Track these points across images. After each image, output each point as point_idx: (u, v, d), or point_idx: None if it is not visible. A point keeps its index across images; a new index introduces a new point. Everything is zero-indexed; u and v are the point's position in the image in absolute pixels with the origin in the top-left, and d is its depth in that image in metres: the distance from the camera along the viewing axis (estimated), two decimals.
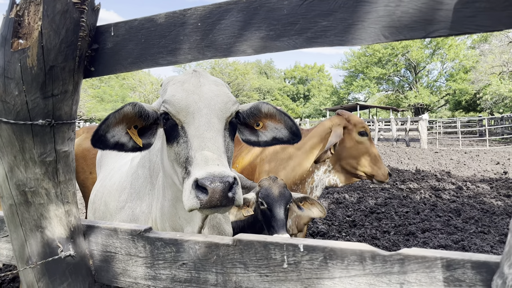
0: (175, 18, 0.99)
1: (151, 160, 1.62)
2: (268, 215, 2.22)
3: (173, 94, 1.19)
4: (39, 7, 0.98)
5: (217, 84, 1.27)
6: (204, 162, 1.05)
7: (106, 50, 1.09)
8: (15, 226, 1.12)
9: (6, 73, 0.99)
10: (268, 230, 2.23)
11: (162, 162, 1.35)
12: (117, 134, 1.18)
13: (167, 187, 1.41)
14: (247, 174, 2.90)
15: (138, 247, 1.12)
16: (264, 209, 2.23)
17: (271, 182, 2.25)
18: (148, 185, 1.62)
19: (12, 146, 1.05)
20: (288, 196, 2.25)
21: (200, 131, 1.14)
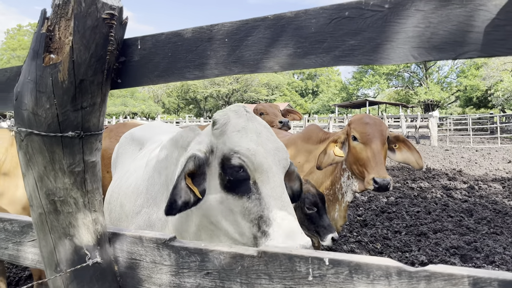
0: (202, 33, 1.01)
1: (167, 168, 1.64)
2: (317, 219, 2.24)
3: (248, 148, 1.25)
4: (69, 22, 1.00)
5: (267, 129, 1.35)
6: (290, 231, 1.15)
7: (133, 63, 1.11)
8: (44, 234, 1.15)
9: (38, 87, 1.01)
10: (318, 233, 2.24)
11: (209, 203, 1.35)
12: (183, 193, 1.23)
13: (204, 224, 1.43)
14: None
15: (163, 255, 1.14)
16: (313, 213, 2.24)
17: (310, 187, 2.28)
18: (165, 192, 1.65)
19: (42, 157, 1.08)
20: (324, 199, 2.29)
21: (277, 193, 1.23)
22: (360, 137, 2.50)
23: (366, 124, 2.53)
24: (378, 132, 2.50)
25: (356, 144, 2.51)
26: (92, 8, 0.99)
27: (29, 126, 1.05)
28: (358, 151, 2.49)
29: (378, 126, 2.53)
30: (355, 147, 2.51)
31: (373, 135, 2.48)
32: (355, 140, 2.53)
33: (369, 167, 2.42)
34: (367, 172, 2.42)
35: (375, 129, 2.51)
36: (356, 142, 2.51)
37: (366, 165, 2.44)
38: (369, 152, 2.44)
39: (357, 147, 2.50)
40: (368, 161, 2.43)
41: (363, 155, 2.46)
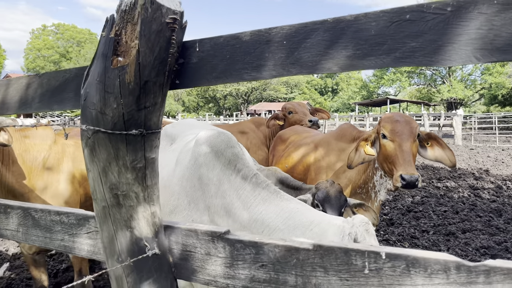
0: (260, 36, 1.05)
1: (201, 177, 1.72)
2: None
3: None
4: (135, 27, 1.06)
5: None
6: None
7: (191, 64, 1.16)
8: (107, 226, 1.22)
9: (107, 88, 1.08)
10: None
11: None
12: None
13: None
14: (298, 173, 2.96)
15: (217, 247, 1.20)
16: (319, 211, 2.28)
17: (328, 186, 2.31)
18: (201, 199, 1.72)
19: (107, 153, 1.15)
20: (343, 201, 2.30)
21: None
22: (389, 135, 2.52)
23: (396, 122, 2.54)
24: (407, 130, 2.50)
25: (386, 142, 2.52)
26: (157, 13, 1.05)
27: (97, 125, 1.12)
28: (387, 149, 2.51)
29: (408, 124, 2.54)
30: (385, 144, 2.53)
31: (402, 132, 2.49)
32: (384, 137, 2.54)
33: (397, 164, 2.43)
34: (395, 169, 2.43)
35: (404, 127, 2.51)
36: (386, 140, 2.53)
37: (394, 162, 2.45)
38: (397, 149, 2.45)
39: (386, 144, 2.52)
40: (396, 158, 2.44)
41: (392, 152, 2.47)
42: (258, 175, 1.68)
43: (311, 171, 2.92)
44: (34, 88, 1.55)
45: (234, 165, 1.67)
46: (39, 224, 1.63)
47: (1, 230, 1.79)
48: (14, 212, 1.70)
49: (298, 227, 1.56)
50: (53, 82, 1.49)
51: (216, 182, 1.67)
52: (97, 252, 1.47)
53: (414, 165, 2.46)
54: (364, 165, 2.70)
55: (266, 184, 1.70)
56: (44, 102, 1.53)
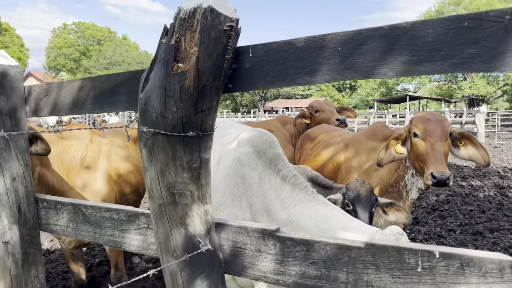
0: (315, 42, 1.09)
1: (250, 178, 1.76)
2: (353, 216, 2.32)
3: None
4: (194, 34, 1.12)
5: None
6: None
7: (244, 69, 1.21)
8: (163, 222, 1.29)
9: (167, 92, 1.14)
10: None
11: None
12: None
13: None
14: (328, 172, 2.99)
15: (268, 244, 1.25)
16: (350, 210, 2.33)
17: (358, 186, 2.34)
18: (245, 197, 1.77)
19: (165, 154, 1.21)
20: (373, 200, 2.33)
21: None
22: (420, 133, 2.52)
23: (428, 121, 2.55)
24: (439, 128, 2.51)
25: (417, 141, 2.53)
26: (216, 21, 1.10)
27: (157, 127, 1.18)
28: (418, 147, 2.52)
29: (439, 123, 2.54)
30: (416, 143, 2.53)
31: (434, 131, 2.50)
32: (416, 136, 2.55)
33: (428, 162, 2.44)
34: (426, 168, 2.44)
35: (436, 126, 2.52)
36: (417, 139, 2.54)
37: (426, 160, 2.46)
38: (429, 148, 2.46)
39: (418, 143, 2.52)
40: (428, 157, 2.45)
41: (423, 151, 2.48)
42: (297, 176, 1.72)
43: (342, 170, 2.94)
44: (87, 90, 1.63)
45: (275, 165, 1.72)
46: (89, 220, 1.71)
47: (51, 226, 1.89)
48: (65, 208, 1.79)
49: (330, 231, 1.60)
50: (105, 85, 1.56)
51: (258, 181, 1.72)
52: (146, 247, 1.54)
53: (446, 164, 2.46)
54: (395, 163, 2.71)
55: (304, 186, 1.74)
56: (96, 104, 1.60)
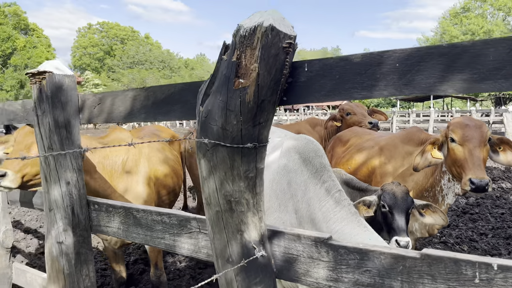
0: (372, 58, 1.13)
1: (297, 185, 1.80)
2: (389, 218, 2.35)
3: None
4: (254, 51, 1.17)
5: None
6: None
7: (300, 83, 1.26)
8: (219, 229, 1.35)
9: (228, 106, 1.20)
10: (388, 232, 2.37)
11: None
12: None
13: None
14: (361, 176, 3.01)
15: (321, 252, 1.29)
16: (386, 212, 2.35)
17: (394, 187, 2.36)
18: (291, 202, 1.81)
19: (224, 164, 1.27)
20: (409, 202, 2.35)
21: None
22: (458, 139, 2.51)
23: (465, 126, 2.53)
24: (477, 134, 2.49)
25: (454, 146, 2.53)
26: (276, 39, 1.15)
27: (217, 139, 1.24)
28: (456, 153, 2.51)
29: (477, 128, 2.53)
30: (453, 148, 2.53)
31: (472, 136, 2.48)
32: (453, 141, 2.54)
33: (466, 168, 2.43)
34: (464, 173, 2.43)
35: (474, 131, 2.50)
36: (454, 144, 2.53)
37: (463, 166, 2.45)
38: (467, 153, 2.45)
39: (455, 148, 2.52)
40: (466, 162, 2.44)
41: (461, 156, 2.47)
42: (341, 192, 1.76)
43: (377, 174, 2.96)
44: (140, 100, 1.71)
45: (321, 175, 1.76)
46: (140, 223, 1.79)
47: (102, 227, 1.98)
48: (116, 211, 1.88)
49: None
50: (159, 95, 1.64)
51: (303, 188, 1.77)
52: (197, 251, 1.61)
53: (484, 169, 2.45)
54: (431, 168, 2.71)
55: (348, 203, 1.77)
56: (150, 114, 1.68)
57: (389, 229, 2.37)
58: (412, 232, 2.85)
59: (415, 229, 2.86)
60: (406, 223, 2.35)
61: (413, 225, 2.85)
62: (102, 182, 2.64)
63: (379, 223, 2.47)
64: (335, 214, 1.73)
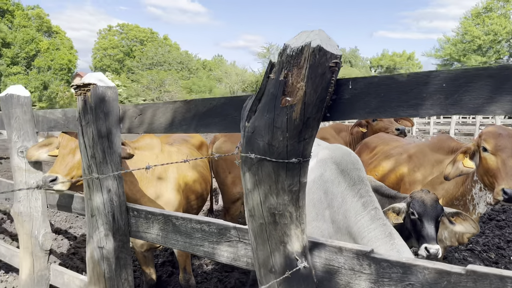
0: (418, 78, 1.16)
1: (333, 195, 1.83)
2: (418, 226, 2.36)
3: None
4: (301, 70, 1.21)
5: None
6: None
7: (343, 100, 1.29)
8: (262, 240, 1.39)
9: (275, 123, 1.24)
10: (417, 240, 2.37)
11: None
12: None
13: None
14: (389, 183, 3.01)
15: (362, 264, 1.32)
16: (415, 219, 2.36)
17: (424, 195, 2.37)
18: (327, 211, 1.84)
19: (269, 178, 1.31)
20: (439, 210, 2.35)
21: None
22: (491, 148, 2.50)
23: (499, 135, 2.52)
24: (510, 143, 2.47)
25: (487, 155, 2.51)
26: (323, 58, 1.19)
27: (263, 154, 1.29)
28: (488, 162, 2.49)
29: (511, 137, 2.51)
30: (486, 158, 2.51)
31: (505, 145, 2.47)
32: (485, 151, 2.53)
33: (499, 177, 2.41)
34: (497, 183, 2.41)
35: (507, 140, 2.49)
36: (487, 153, 2.51)
37: (496, 175, 2.43)
38: (500, 163, 2.43)
39: (488, 158, 2.50)
40: (498, 172, 2.42)
41: (493, 165, 2.46)
42: (377, 210, 1.77)
43: (405, 182, 2.96)
44: (182, 112, 1.76)
45: (358, 189, 1.78)
46: (179, 230, 1.85)
47: (141, 233, 2.05)
48: (155, 218, 1.94)
49: None
50: (200, 108, 1.69)
51: (340, 199, 1.80)
52: (236, 259, 1.66)
53: None
54: (462, 177, 2.70)
55: (383, 223, 1.78)
56: (191, 125, 1.74)
57: (418, 236, 2.38)
58: (441, 240, 2.84)
59: (444, 238, 2.85)
60: (436, 231, 2.35)
61: (443, 233, 2.84)
62: (131, 186, 2.71)
63: (408, 230, 2.49)
64: (369, 232, 1.75)
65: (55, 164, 2.26)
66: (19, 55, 35.02)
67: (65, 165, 2.23)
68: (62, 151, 2.30)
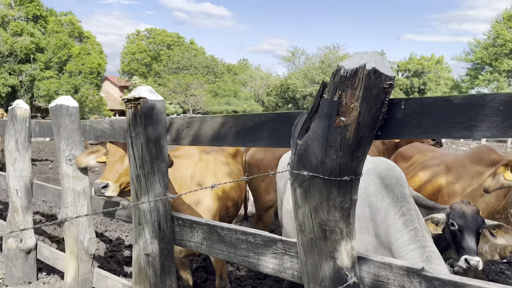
0: (474, 100, 1.17)
1: (377, 210, 1.84)
2: (458, 237, 2.34)
3: None
4: (355, 91, 1.24)
5: None
6: None
7: (395, 119, 1.31)
8: (312, 254, 1.43)
9: (329, 142, 1.28)
10: (457, 251, 2.35)
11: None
12: None
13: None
14: (426, 194, 2.99)
15: (413, 282, 1.34)
16: (455, 230, 2.34)
17: (464, 206, 2.35)
18: (371, 224, 1.85)
19: (320, 195, 1.35)
20: (480, 222, 2.32)
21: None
22: None
23: None
24: None
25: None
26: (378, 80, 1.22)
27: (315, 171, 1.32)
28: None
29: None
30: None
31: None
32: None
33: None
34: None
35: None
36: None
37: None
38: None
39: None
40: None
41: None
42: (417, 231, 1.76)
43: (444, 193, 2.93)
44: (229, 126, 1.82)
45: (400, 206, 1.79)
46: (224, 241, 1.90)
47: (185, 241, 2.12)
48: (200, 228, 2.01)
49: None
50: (248, 123, 1.74)
51: (383, 214, 1.81)
52: (282, 271, 1.70)
53: None
54: (504, 190, 2.65)
55: (421, 245, 1.77)
56: (238, 139, 1.79)
57: (458, 248, 2.35)
58: (481, 254, 2.79)
59: (484, 251, 2.80)
60: (476, 243, 2.32)
61: (483, 247, 2.80)
62: (172, 192, 2.80)
63: (447, 241, 2.46)
64: (406, 253, 1.75)
65: (106, 171, 2.36)
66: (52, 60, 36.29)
67: (114, 172, 2.34)
68: (111, 158, 2.40)
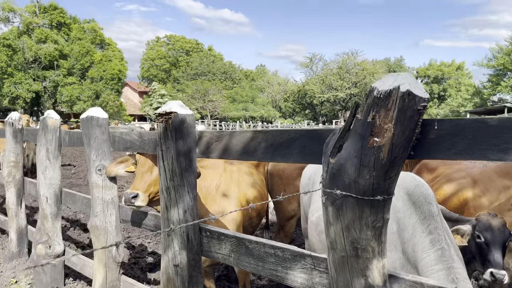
0: (509, 123, 1.17)
1: (398, 221, 1.84)
2: (484, 249, 2.31)
3: None
4: (389, 112, 1.26)
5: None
6: None
7: (428, 140, 1.32)
8: (343, 272, 1.44)
9: (362, 162, 1.30)
10: (483, 264, 2.33)
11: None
12: None
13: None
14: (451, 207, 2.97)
15: None
16: (480, 242, 2.32)
17: (490, 218, 2.33)
18: (399, 240, 1.85)
19: (352, 213, 1.36)
20: (507, 235, 2.30)
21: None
22: None
23: None
24: None
25: None
26: (412, 102, 1.23)
27: (348, 190, 1.34)
28: None
29: None
30: None
31: None
32: None
33: None
34: None
35: None
36: None
37: None
38: None
39: None
40: None
41: None
42: (444, 250, 1.75)
43: (470, 207, 2.90)
44: (258, 141, 1.86)
45: (428, 224, 1.78)
46: (251, 254, 1.93)
47: (213, 253, 2.15)
48: (228, 240, 2.04)
49: None
50: (277, 139, 1.77)
51: (410, 232, 1.81)
52: (310, 285, 1.71)
53: None
54: None
55: (447, 266, 1.74)
56: (267, 154, 1.82)
57: (483, 260, 2.33)
58: (508, 269, 2.75)
59: (511, 266, 2.75)
60: (502, 256, 2.29)
61: (510, 262, 2.75)
62: (198, 201, 2.85)
63: (472, 253, 2.44)
64: (432, 273, 1.74)
65: (135, 181, 2.42)
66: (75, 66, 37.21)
67: (144, 182, 2.40)
68: (140, 169, 2.47)
